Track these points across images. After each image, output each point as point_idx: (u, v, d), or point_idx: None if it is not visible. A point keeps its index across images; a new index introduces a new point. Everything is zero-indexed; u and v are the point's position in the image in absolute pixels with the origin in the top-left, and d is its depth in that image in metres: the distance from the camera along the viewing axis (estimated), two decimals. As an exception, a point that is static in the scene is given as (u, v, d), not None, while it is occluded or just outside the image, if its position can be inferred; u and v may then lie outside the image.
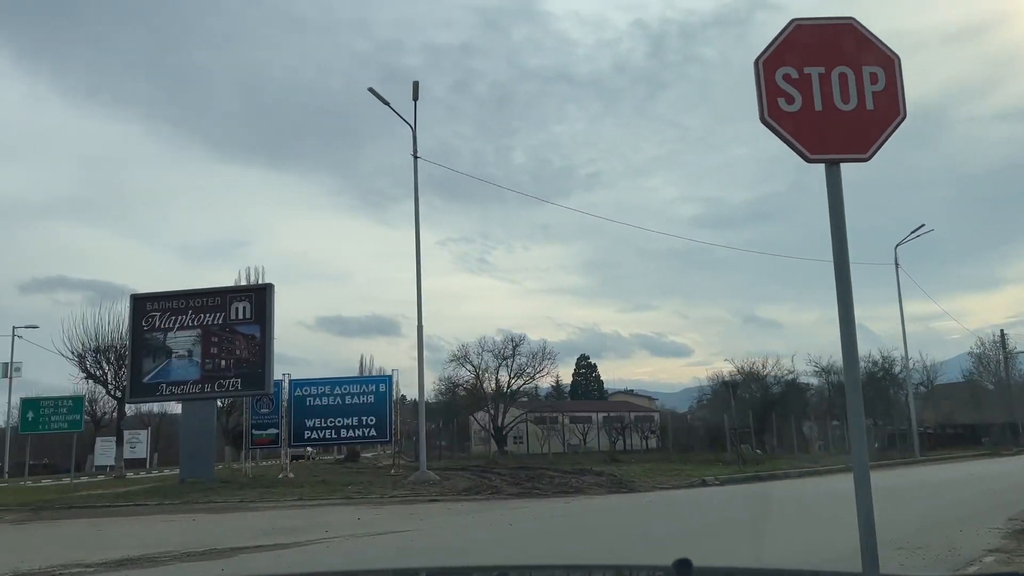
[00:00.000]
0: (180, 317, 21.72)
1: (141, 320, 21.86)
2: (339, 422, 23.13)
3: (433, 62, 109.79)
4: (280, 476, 22.87)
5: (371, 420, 23.19)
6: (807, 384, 48.82)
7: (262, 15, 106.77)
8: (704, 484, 19.99)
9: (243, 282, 28.26)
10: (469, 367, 59.38)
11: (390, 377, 24.24)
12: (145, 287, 77.01)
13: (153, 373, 21.66)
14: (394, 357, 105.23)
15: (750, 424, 33.40)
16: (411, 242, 21.04)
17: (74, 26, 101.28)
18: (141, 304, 22.01)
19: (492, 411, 60.51)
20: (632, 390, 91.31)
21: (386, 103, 21.19)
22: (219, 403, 34.63)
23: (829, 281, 3.38)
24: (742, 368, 47.90)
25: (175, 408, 60.66)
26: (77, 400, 22.89)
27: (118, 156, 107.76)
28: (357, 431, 23.14)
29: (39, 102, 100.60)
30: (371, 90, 20.95)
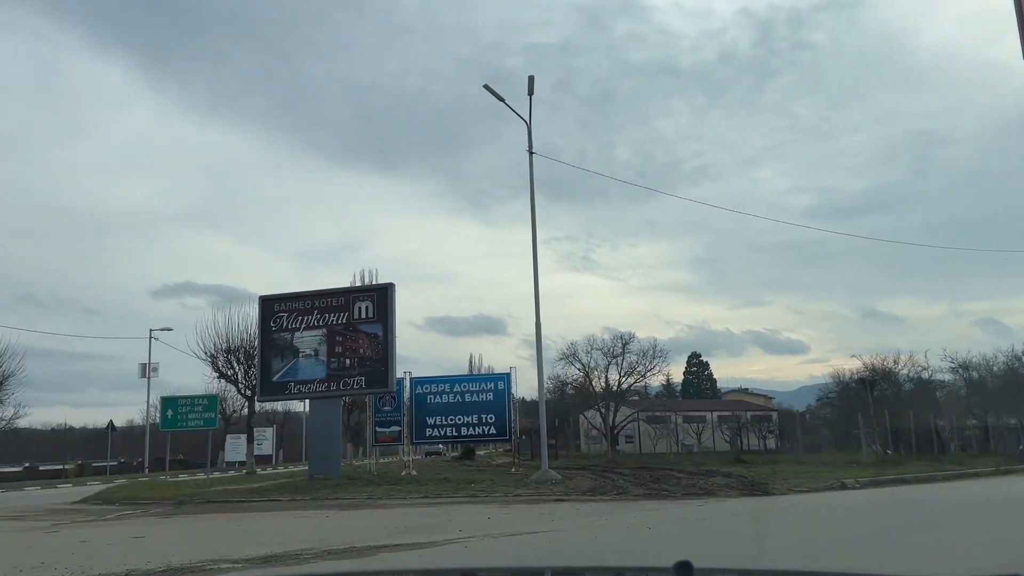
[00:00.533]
0: (306, 317, 22.22)
1: (269, 321, 22.50)
2: (459, 420, 23.15)
3: (535, 62, 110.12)
4: (403, 473, 23.09)
5: (490, 418, 23.10)
6: (941, 381, 45.82)
7: (369, 25, 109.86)
8: (844, 487, 18.82)
9: (358, 284, 28.84)
10: (578, 366, 58.88)
11: (508, 375, 24.09)
12: (264, 291, 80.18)
13: (281, 372, 22.24)
14: (501, 356, 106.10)
15: (886, 424, 31.46)
16: (515, 242, 21.12)
17: (196, 45, 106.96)
18: (269, 305, 22.65)
19: (603, 410, 59.81)
20: (747, 389, 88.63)
21: (501, 99, 21.02)
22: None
23: (957, 271, 2.75)
24: (871, 365, 45.39)
25: (297, 407, 62.82)
26: (212, 399, 23.84)
27: (238, 166, 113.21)
28: (477, 429, 23.11)
29: (166, 119, 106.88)
30: (487, 87, 20.82)
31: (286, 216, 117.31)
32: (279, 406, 59.17)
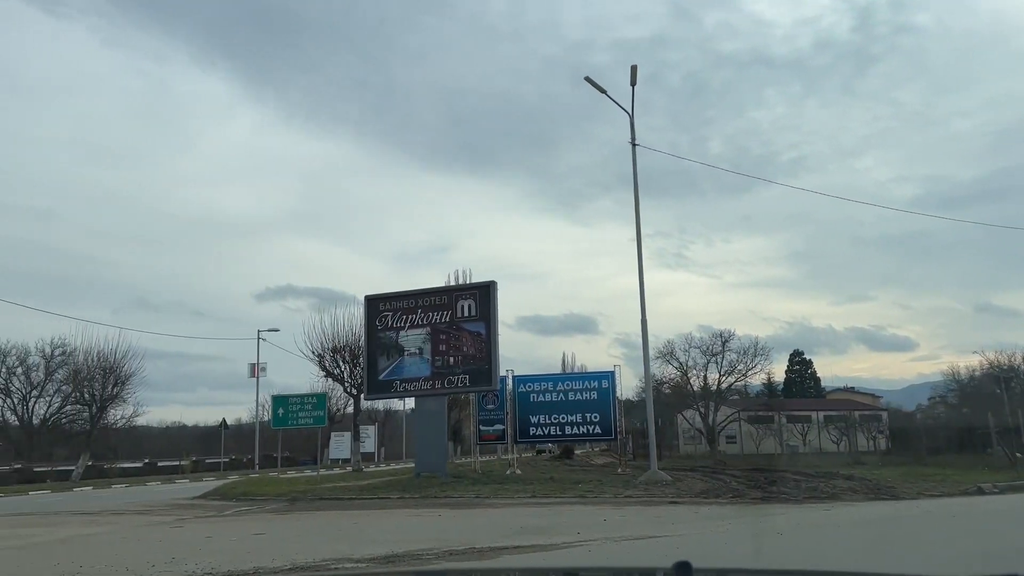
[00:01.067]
0: (410, 316, 22.34)
1: (375, 320, 22.73)
2: (563, 419, 22.83)
3: (623, 58, 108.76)
4: (508, 472, 22.94)
5: (595, 417, 22.68)
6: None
7: (457, 29, 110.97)
8: (980, 492, 17.51)
9: (453, 284, 28.90)
10: (676, 364, 57.62)
11: (612, 373, 23.60)
12: (360, 293, 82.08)
13: (387, 370, 22.43)
14: (593, 355, 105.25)
15: (1020, 423, 29.33)
16: (606, 239, 20.73)
17: (293, 56, 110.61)
18: (374, 305, 22.88)
19: (702, 410, 58.33)
20: (853, 387, 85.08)
21: (603, 91, 20.58)
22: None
23: None
24: (995, 362, 42.56)
25: (397, 405, 63.89)
26: (320, 397, 24.30)
27: (335, 172, 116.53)
28: (581, 428, 22.73)
29: (266, 128, 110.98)
30: (588, 79, 20.43)
31: (380, 219, 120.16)
32: (380, 404, 60.33)
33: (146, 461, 49.62)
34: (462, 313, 21.86)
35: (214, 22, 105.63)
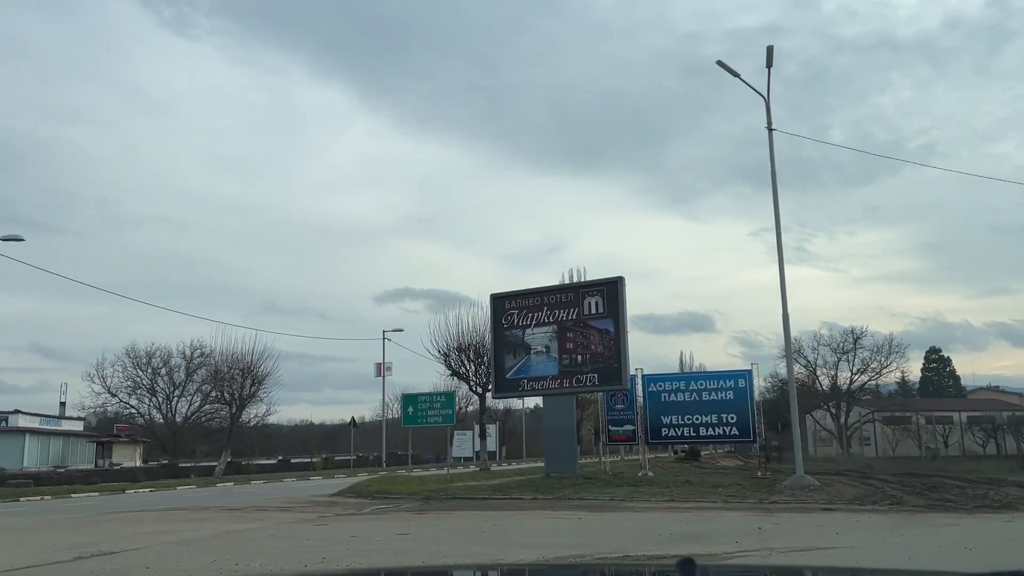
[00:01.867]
0: (536, 314, 22.02)
1: (501, 318, 22.54)
2: (696, 419, 21.92)
3: (737, 48, 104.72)
4: (640, 474, 22.25)
5: (731, 418, 21.66)
6: None
7: (566, 28, 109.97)
8: None
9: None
10: (803, 362, 54.99)
11: (749, 372, 22.48)
12: (474, 294, 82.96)
13: (514, 369, 22.19)
14: (710, 354, 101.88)
15: None
16: (721, 235, 19.53)
17: (405, 64, 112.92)
18: (500, 303, 22.70)
19: (833, 410, 55.44)
20: (998, 386, 79.08)
21: (736, 75, 19.60)
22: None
23: None
24: None
25: (516, 403, 64.05)
26: (449, 396, 24.36)
27: (448, 176, 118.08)
28: (716, 429, 21.74)
29: (381, 135, 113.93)
30: (720, 63, 19.51)
31: (492, 221, 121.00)
32: (500, 403, 60.53)
33: (279, 458, 51.68)
34: (589, 310, 21.35)
35: (330, 36, 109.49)
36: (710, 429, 21.80)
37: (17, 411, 39.77)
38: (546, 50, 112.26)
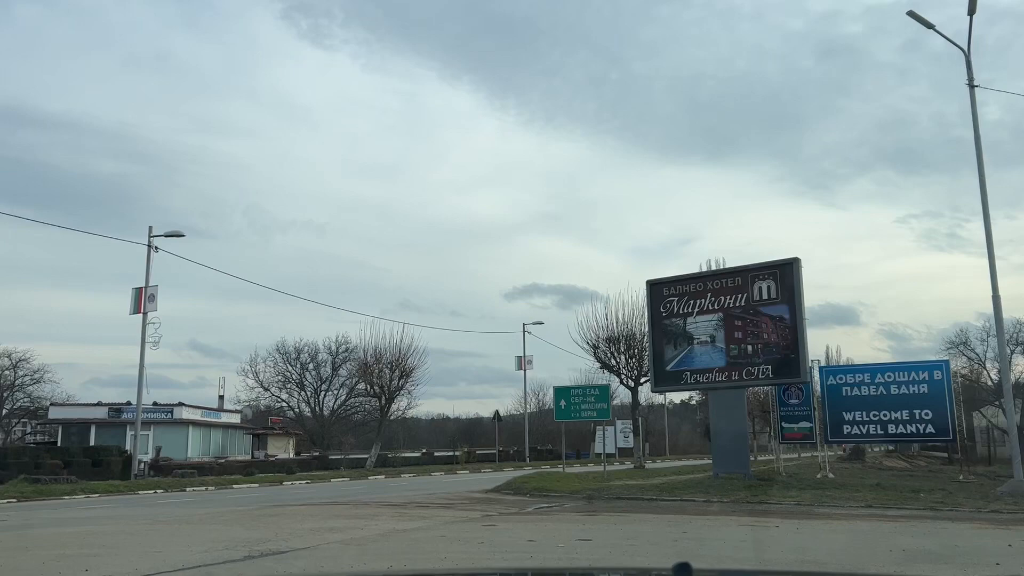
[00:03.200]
0: (699, 301, 20.41)
1: (659, 306, 21.08)
2: (884, 416, 19.61)
3: (876, 26, 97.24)
4: (819, 476, 20.25)
5: (926, 415, 19.22)
6: None
7: (692, 15, 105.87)
8: None
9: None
10: (971, 355, 50.15)
11: (946, 362, 19.97)
12: (602, 289, 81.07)
13: (676, 361, 20.68)
14: (855, 348, 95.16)
15: None
16: (863, 223, 17.18)
17: (531, 62, 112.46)
18: (658, 290, 21.24)
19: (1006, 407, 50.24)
20: None
21: (930, 26, 17.29)
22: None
23: None
24: None
25: (657, 399, 61.84)
26: (603, 389, 23.08)
27: (575, 171, 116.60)
28: (909, 427, 19.35)
29: (507, 134, 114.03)
30: (911, 13, 17.25)
31: (619, 214, 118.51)
32: (640, 397, 58.61)
33: (423, 451, 52.15)
34: (760, 295, 19.54)
35: (457, 39, 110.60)
36: (901, 427, 19.42)
37: (181, 404, 41.81)
38: (673, 38, 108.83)
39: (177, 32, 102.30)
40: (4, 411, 53.79)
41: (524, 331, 45.37)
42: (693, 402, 76.53)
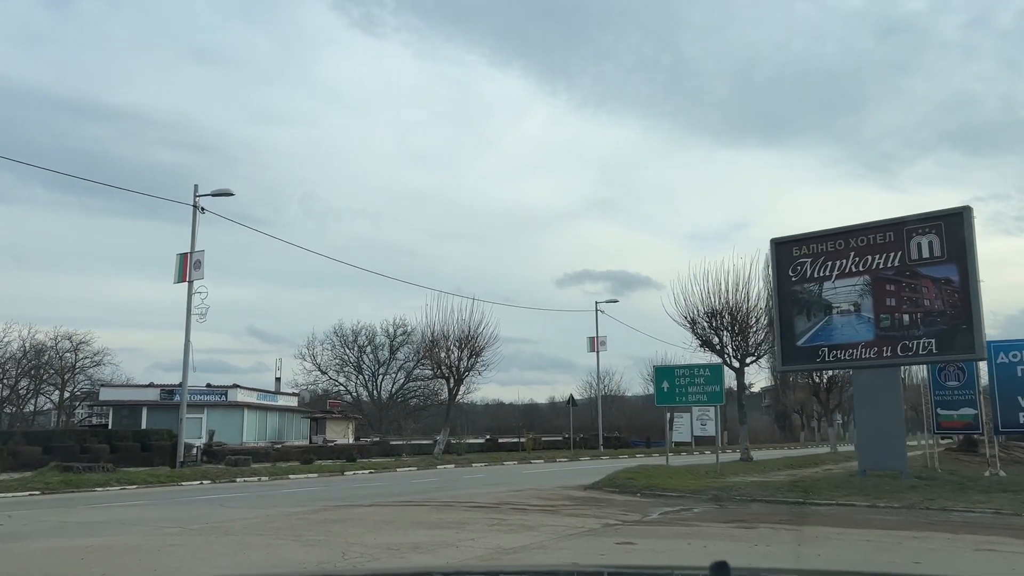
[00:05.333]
0: (838, 261, 16.90)
1: (787, 269, 17.62)
2: (1075, 402, 15.88)
3: (940, 3, 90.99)
4: (987, 474, 16.63)
5: None
6: None
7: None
8: None
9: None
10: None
11: None
12: (657, 275, 77.23)
13: (809, 334, 17.22)
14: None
15: None
16: (927, 205, 13.46)
17: (580, 45, 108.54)
18: (786, 250, 17.78)
19: None
20: None
21: None
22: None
23: None
24: None
25: (730, 382, 57.75)
26: (715, 369, 19.58)
27: (626, 156, 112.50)
28: (1108, 415, 15.60)
29: (559, 120, 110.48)
30: None
31: (672, 199, 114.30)
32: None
33: (487, 437, 49.35)
34: (918, 253, 15.95)
35: (507, 24, 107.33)
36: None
37: (236, 386, 39.66)
38: (727, 20, 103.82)
39: (232, 23, 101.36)
40: (67, 394, 52.95)
41: (596, 309, 42.09)
42: (757, 390, 72.42)
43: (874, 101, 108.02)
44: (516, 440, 46.46)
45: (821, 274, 17.15)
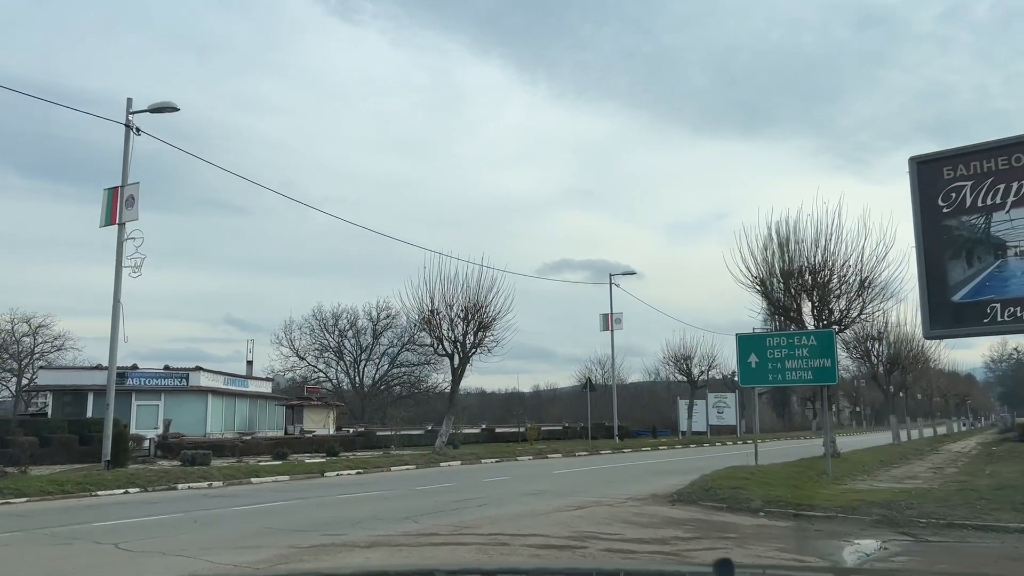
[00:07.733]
0: (1012, 184, 12.11)
1: (936, 199, 12.80)
2: None
3: None
4: None
5: None
6: None
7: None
8: None
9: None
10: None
11: None
12: (634, 264, 73.12)
13: (972, 287, 12.43)
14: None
15: None
16: (904, 198, 8.60)
17: (560, 35, 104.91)
18: (933, 171, 12.94)
19: None
20: None
21: None
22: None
23: None
24: None
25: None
26: (826, 337, 14.55)
27: (605, 145, 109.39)
28: None
29: (538, 109, 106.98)
30: None
31: (652, 189, 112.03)
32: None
33: (483, 427, 44.49)
34: None
35: (487, 12, 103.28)
36: None
37: (199, 368, 34.30)
38: (706, 10, 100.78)
39: (211, 10, 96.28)
40: (24, 381, 47.67)
41: (611, 283, 37.20)
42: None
43: (851, 92, 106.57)
44: (515, 430, 41.71)
45: (989, 202, 12.32)
